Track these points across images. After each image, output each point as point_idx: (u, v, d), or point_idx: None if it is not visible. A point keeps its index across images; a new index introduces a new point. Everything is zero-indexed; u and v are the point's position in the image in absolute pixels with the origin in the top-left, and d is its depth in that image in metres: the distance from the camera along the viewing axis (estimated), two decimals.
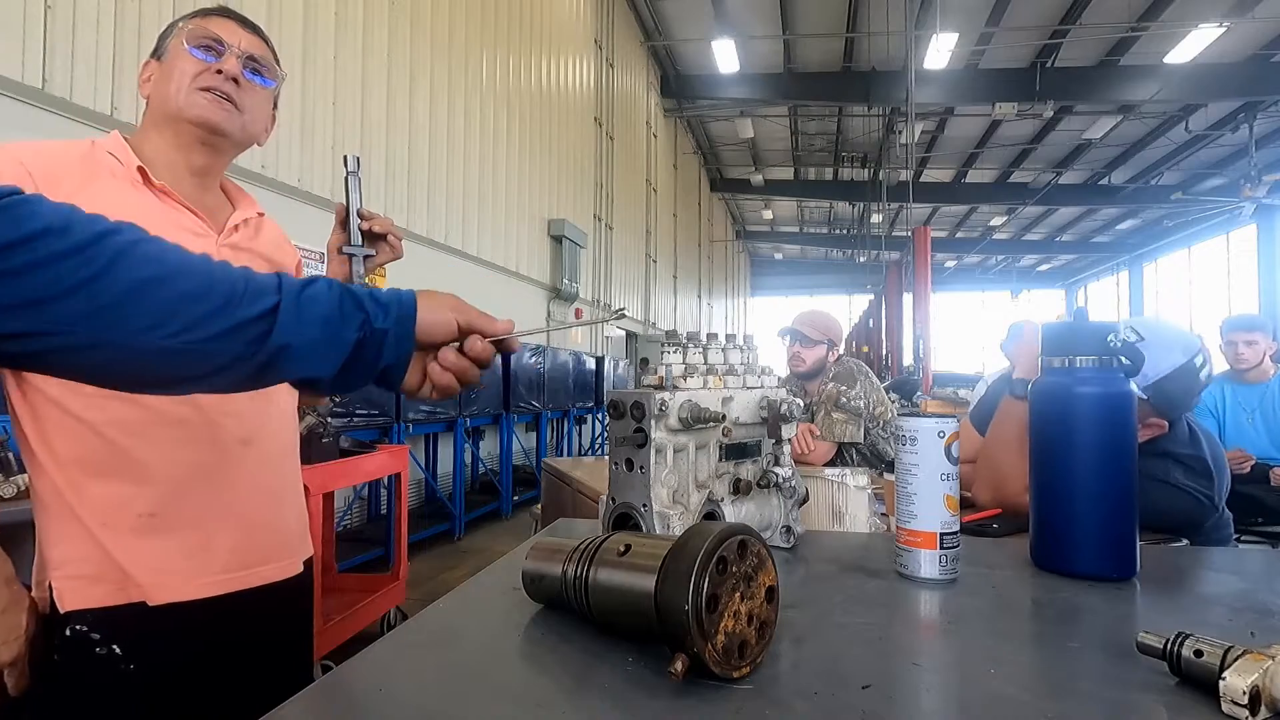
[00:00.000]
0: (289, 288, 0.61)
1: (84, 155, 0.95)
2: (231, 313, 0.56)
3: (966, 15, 10.33)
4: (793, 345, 2.56)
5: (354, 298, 0.62)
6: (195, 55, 0.99)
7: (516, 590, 0.65)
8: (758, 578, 0.50)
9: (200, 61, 0.99)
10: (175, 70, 0.99)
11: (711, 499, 0.78)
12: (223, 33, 1.01)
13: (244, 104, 1.02)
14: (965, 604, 0.67)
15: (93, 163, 0.95)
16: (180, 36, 1.00)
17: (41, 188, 0.86)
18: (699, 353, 0.83)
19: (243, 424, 0.98)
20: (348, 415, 3.93)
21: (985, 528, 1.10)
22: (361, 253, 1.08)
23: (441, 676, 0.51)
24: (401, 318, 0.63)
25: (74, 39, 2.97)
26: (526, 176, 7.74)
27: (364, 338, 0.61)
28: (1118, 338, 0.75)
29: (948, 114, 13.83)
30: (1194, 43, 9.91)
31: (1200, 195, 15.23)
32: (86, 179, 0.93)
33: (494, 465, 6.40)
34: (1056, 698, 0.46)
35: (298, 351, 0.59)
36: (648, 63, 12.74)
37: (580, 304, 9.38)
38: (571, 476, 2.38)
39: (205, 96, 0.99)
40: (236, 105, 1.01)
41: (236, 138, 1.04)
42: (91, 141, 0.98)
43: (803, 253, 28.48)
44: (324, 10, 4.59)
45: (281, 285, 0.60)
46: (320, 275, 0.66)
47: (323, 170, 4.57)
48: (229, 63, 1.00)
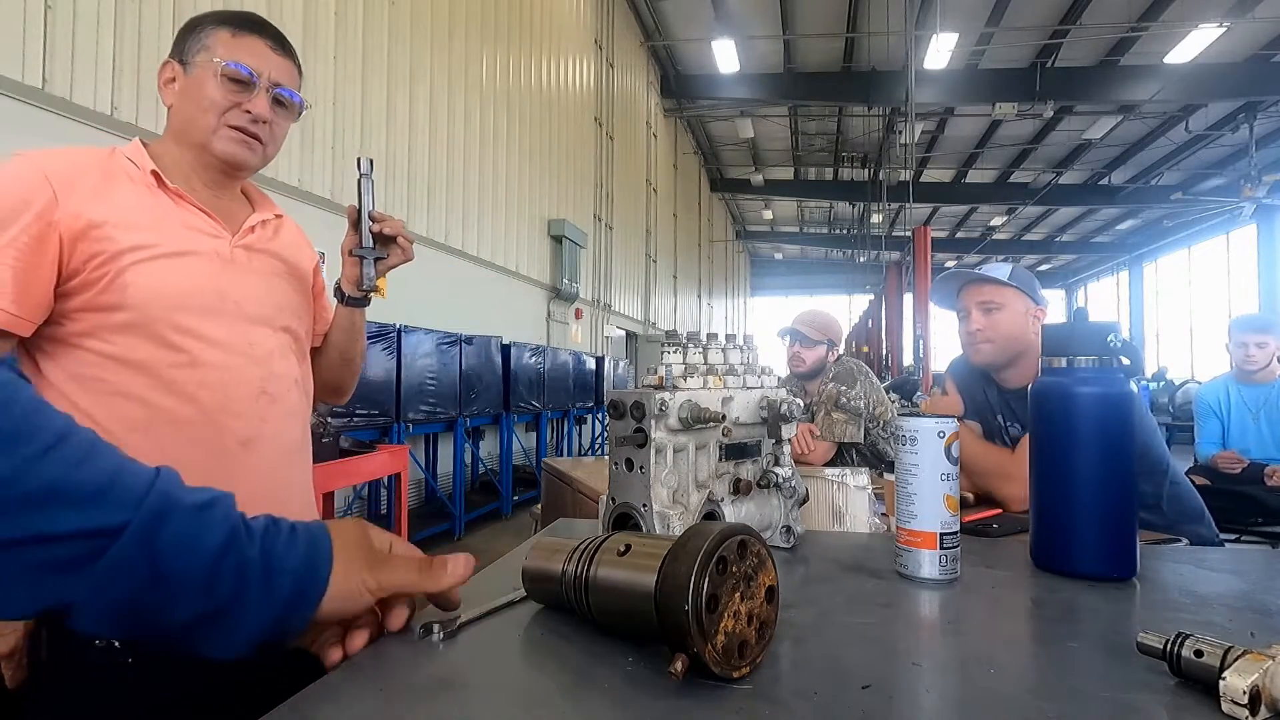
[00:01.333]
0: (156, 507, 0.41)
1: (103, 161, 0.98)
2: (27, 516, 0.36)
3: (966, 15, 10.34)
4: (793, 345, 2.56)
5: (240, 557, 0.44)
6: (227, 84, 0.99)
7: (516, 590, 0.65)
8: (758, 578, 0.50)
9: (231, 93, 0.99)
10: (204, 97, 0.99)
11: (711, 499, 0.78)
12: (254, 60, 1.00)
13: (268, 137, 1.04)
14: (965, 604, 0.67)
15: (111, 167, 0.97)
16: (210, 55, 0.99)
17: (59, 193, 0.90)
18: (699, 353, 0.83)
19: (245, 425, 0.98)
20: (348, 415, 3.93)
21: (985, 528, 1.10)
22: (373, 255, 1.09)
23: (441, 676, 0.51)
24: (298, 597, 0.46)
25: (74, 39, 2.97)
26: (526, 176, 7.74)
27: (219, 610, 0.43)
28: (1118, 337, 0.75)
29: (948, 114, 13.84)
30: (1194, 43, 9.92)
31: (1200, 195, 15.24)
32: (104, 182, 0.95)
33: (494, 465, 6.40)
34: (1056, 698, 0.46)
35: (101, 610, 0.40)
36: (648, 63, 12.74)
37: (580, 304, 9.38)
38: (571, 476, 2.38)
39: (233, 135, 1.00)
40: (263, 141, 1.03)
41: (257, 168, 1.07)
42: (112, 149, 1.00)
43: (803, 253, 28.49)
44: (324, 10, 4.59)
45: (147, 502, 0.41)
46: (223, 498, 0.48)
47: (323, 170, 4.57)
48: (259, 104, 1.01)
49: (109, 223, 0.92)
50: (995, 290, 1.61)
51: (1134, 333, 20.07)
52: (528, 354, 6.58)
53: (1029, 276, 1.66)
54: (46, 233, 0.89)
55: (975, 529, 1.08)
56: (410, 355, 4.63)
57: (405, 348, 4.55)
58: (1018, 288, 1.61)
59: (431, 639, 0.56)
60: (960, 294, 1.68)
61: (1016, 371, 1.63)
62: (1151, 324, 21.04)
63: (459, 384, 5.22)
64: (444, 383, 5.02)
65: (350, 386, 1.28)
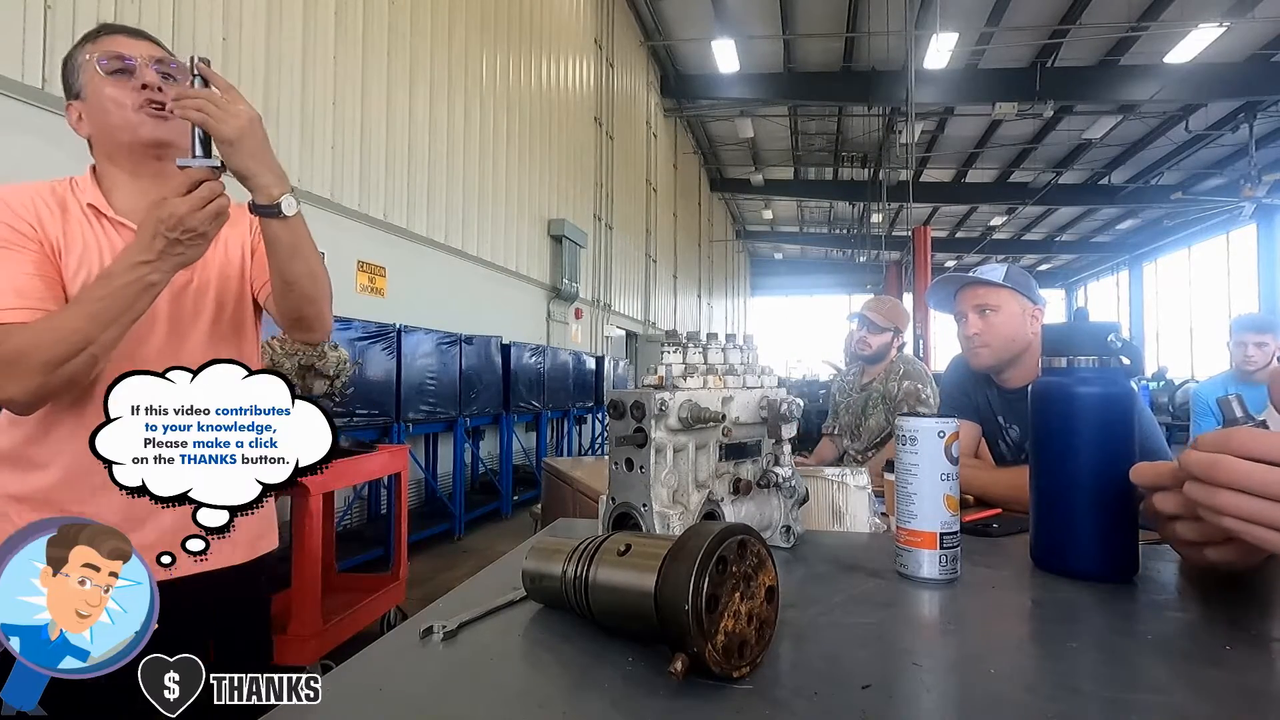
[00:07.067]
0: None
1: (59, 196, 1.06)
2: None
3: (966, 15, 10.33)
4: (860, 330, 2.66)
5: None
6: (115, 79, 1.05)
7: (516, 590, 0.65)
8: (758, 577, 0.50)
9: (122, 85, 1.05)
10: (105, 101, 1.05)
11: (711, 499, 0.78)
12: (121, 49, 1.07)
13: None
14: (965, 604, 0.67)
15: (63, 202, 1.06)
16: (90, 66, 1.06)
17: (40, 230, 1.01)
18: (699, 352, 0.83)
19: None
20: (348, 415, 3.93)
21: (985, 528, 1.10)
22: (205, 164, 0.93)
23: (441, 676, 0.51)
24: None
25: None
26: (526, 176, 7.74)
27: None
28: (1118, 337, 0.75)
29: (948, 114, 13.83)
30: (1194, 43, 9.91)
31: (1200, 195, 15.24)
32: (64, 218, 1.04)
33: (494, 465, 6.40)
34: (1056, 698, 0.46)
35: None
36: (648, 63, 12.74)
37: (580, 304, 9.38)
38: (571, 476, 2.39)
39: (143, 115, 1.05)
40: (169, 109, 1.06)
41: (183, 142, 1.04)
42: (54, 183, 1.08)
43: (803, 252, 28.48)
44: (324, 10, 4.59)
45: None
46: None
47: (323, 170, 4.58)
48: (147, 75, 1.06)
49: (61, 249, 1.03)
50: (991, 292, 1.61)
51: (1134, 332, 20.05)
52: (528, 354, 6.58)
53: (1025, 276, 1.66)
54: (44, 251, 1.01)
55: (975, 529, 1.08)
56: (410, 355, 4.63)
57: (405, 347, 4.55)
58: (1013, 288, 1.60)
59: (431, 639, 0.56)
60: (957, 297, 1.68)
61: (1017, 372, 1.63)
62: (1151, 324, 21.04)
63: (459, 384, 5.22)
64: (444, 382, 5.02)
65: (310, 316, 1.13)
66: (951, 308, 1.70)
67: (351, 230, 4.80)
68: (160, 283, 0.94)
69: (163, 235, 0.90)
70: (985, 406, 1.70)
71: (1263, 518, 0.50)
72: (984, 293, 1.61)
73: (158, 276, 0.93)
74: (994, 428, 1.68)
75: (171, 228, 0.89)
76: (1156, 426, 1.57)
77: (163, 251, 0.91)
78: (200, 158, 0.93)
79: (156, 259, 0.91)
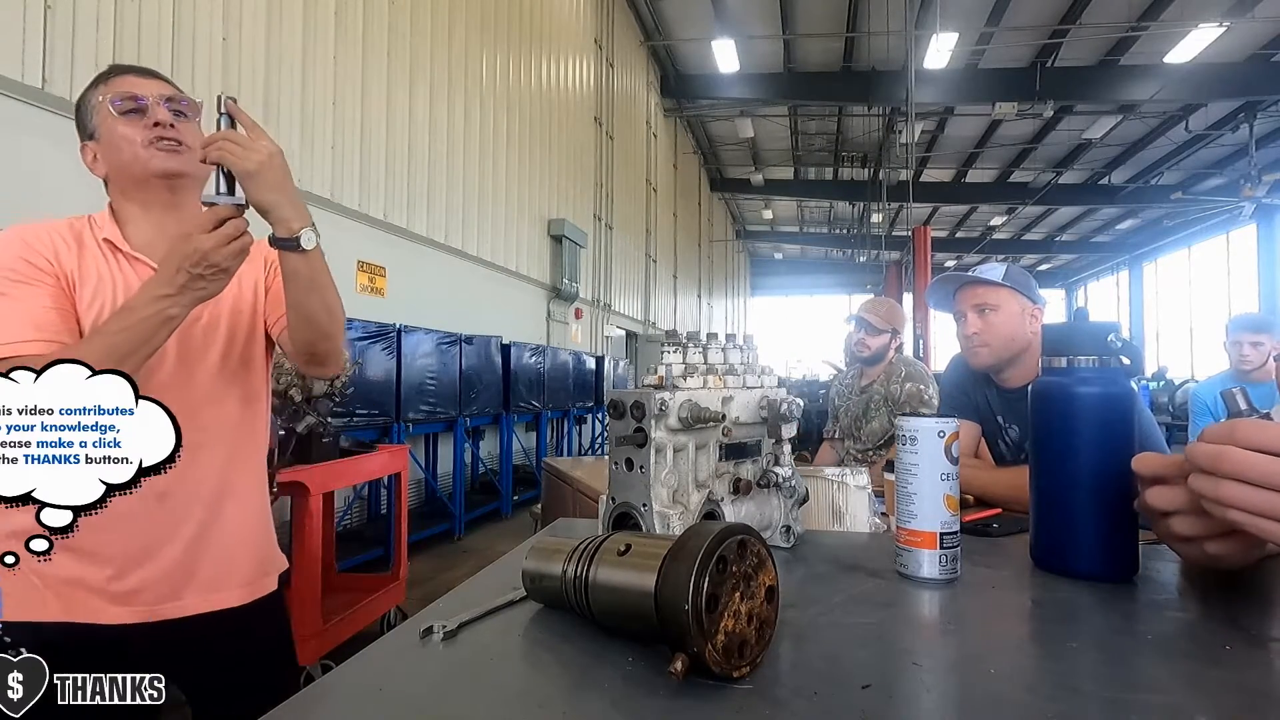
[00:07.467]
0: None
1: (76, 232, 1.08)
2: None
3: (966, 15, 10.33)
4: (858, 332, 2.67)
5: None
6: (128, 119, 1.07)
7: (516, 590, 0.65)
8: (758, 577, 0.50)
9: (134, 124, 1.07)
10: (119, 140, 1.07)
11: (711, 499, 0.78)
12: (133, 89, 1.09)
13: (187, 140, 1.09)
14: (965, 604, 0.67)
15: (80, 237, 1.08)
16: (104, 107, 1.08)
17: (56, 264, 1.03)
18: (699, 352, 0.83)
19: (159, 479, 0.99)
20: (348, 415, 3.93)
21: (985, 528, 1.10)
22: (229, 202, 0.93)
23: (441, 676, 0.51)
24: None
25: (74, 39, 2.97)
26: (526, 176, 7.74)
27: None
28: (1118, 337, 0.75)
29: (948, 114, 13.83)
30: (1194, 43, 9.91)
31: (1200, 195, 15.24)
32: (80, 253, 1.06)
33: (494, 465, 6.40)
34: (1056, 698, 0.46)
35: None
36: (648, 62, 12.74)
37: (580, 304, 9.38)
38: (571, 476, 2.39)
39: (157, 148, 1.07)
40: (181, 143, 1.08)
41: (195, 173, 1.11)
42: (72, 220, 1.10)
43: (803, 252, 28.48)
44: (324, 10, 4.59)
45: None
46: None
47: (323, 170, 4.58)
48: (159, 113, 1.08)
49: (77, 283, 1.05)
50: (990, 291, 1.61)
51: (1134, 332, 20.05)
52: (528, 354, 6.58)
53: (1024, 275, 1.66)
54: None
55: (975, 529, 1.08)
56: (410, 355, 4.63)
57: (405, 347, 4.55)
58: (1013, 288, 1.60)
59: (431, 639, 0.56)
60: (956, 296, 1.68)
61: (1017, 371, 1.63)
62: (1151, 324, 21.03)
63: (459, 384, 5.22)
64: (444, 382, 5.02)
65: (325, 351, 1.12)
66: (951, 307, 1.70)
67: (351, 230, 4.80)
68: (179, 316, 0.94)
69: (186, 270, 0.91)
70: (985, 406, 1.70)
71: (1267, 509, 0.50)
72: (983, 292, 1.61)
73: (177, 310, 0.93)
74: (994, 427, 1.68)
75: (195, 263, 0.90)
76: (1156, 427, 1.57)
77: (184, 286, 0.92)
78: (224, 194, 0.94)
79: (177, 293, 0.92)
